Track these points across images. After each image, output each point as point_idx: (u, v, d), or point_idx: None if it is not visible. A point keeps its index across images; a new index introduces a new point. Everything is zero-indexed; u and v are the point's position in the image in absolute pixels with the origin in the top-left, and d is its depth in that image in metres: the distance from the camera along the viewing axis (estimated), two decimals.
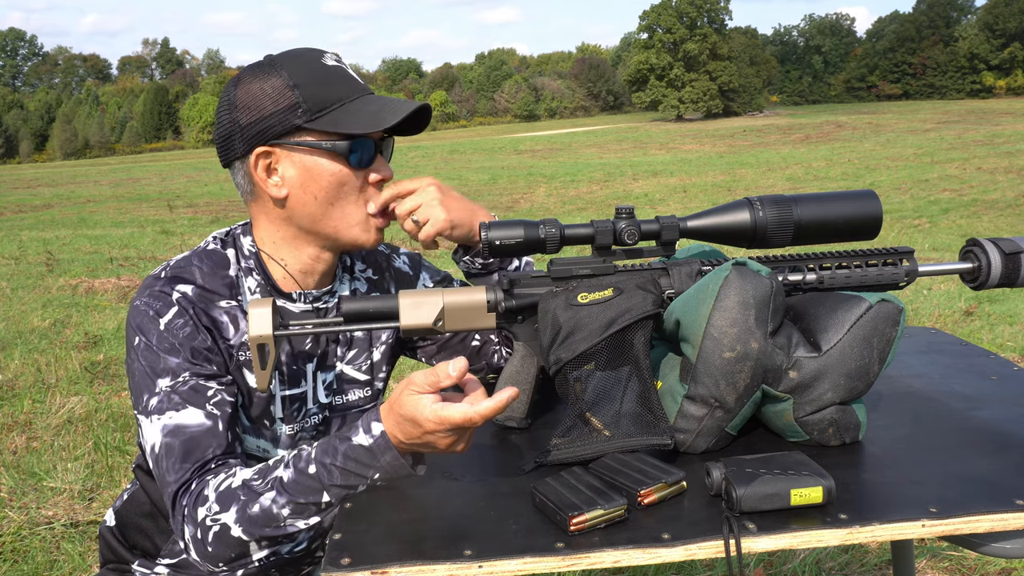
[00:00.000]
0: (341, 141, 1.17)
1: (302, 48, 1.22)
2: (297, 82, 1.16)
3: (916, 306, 5.30)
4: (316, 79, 1.17)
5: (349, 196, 1.20)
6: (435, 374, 0.98)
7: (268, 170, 1.19)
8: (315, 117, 1.16)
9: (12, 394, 3.99)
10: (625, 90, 72.88)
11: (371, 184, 1.23)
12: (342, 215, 1.21)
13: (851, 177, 17.36)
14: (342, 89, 1.18)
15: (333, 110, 1.17)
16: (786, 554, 2.33)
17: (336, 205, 1.20)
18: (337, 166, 1.18)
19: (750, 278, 1.04)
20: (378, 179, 1.23)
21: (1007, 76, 71.43)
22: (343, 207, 1.20)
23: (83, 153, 78.65)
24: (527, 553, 0.86)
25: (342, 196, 1.20)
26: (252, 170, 1.19)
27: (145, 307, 1.17)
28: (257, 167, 1.18)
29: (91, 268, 8.04)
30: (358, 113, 1.17)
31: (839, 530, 0.88)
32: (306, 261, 1.25)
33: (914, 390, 1.30)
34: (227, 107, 1.19)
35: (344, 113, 1.17)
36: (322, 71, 1.18)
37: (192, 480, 1.09)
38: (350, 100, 1.18)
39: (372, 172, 1.22)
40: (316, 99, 1.16)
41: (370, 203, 1.23)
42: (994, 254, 1.13)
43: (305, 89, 1.16)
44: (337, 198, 1.20)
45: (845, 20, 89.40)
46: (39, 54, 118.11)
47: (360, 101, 1.19)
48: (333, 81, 1.18)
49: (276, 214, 1.22)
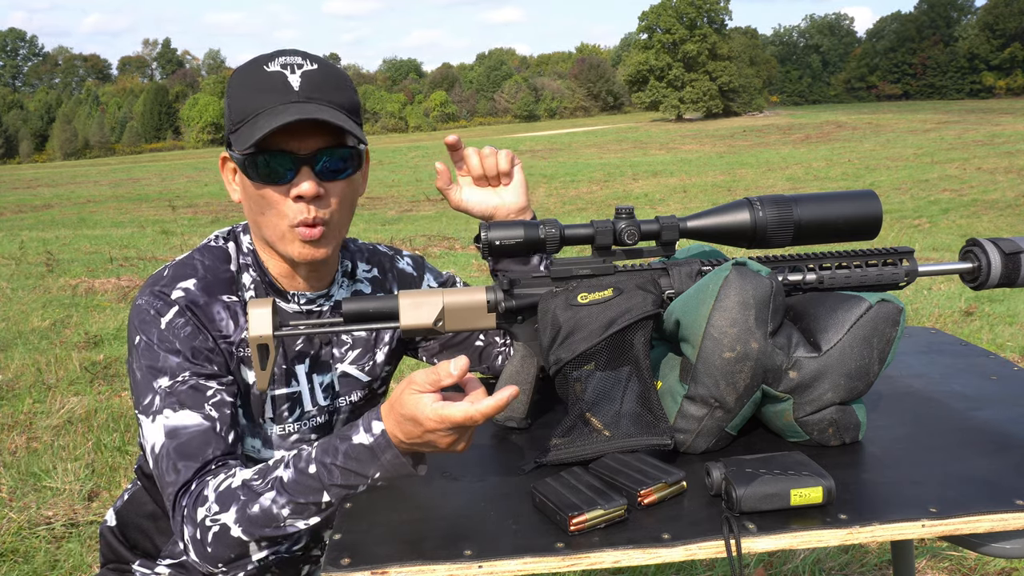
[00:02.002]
0: (244, 155, 1.13)
1: (263, 54, 1.18)
2: (231, 93, 1.16)
3: (916, 306, 5.30)
4: (245, 89, 1.14)
5: (270, 209, 1.16)
6: (436, 373, 0.98)
7: (233, 173, 1.22)
8: (234, 130, 1.15)
9: (12, 394, 3.99)
10: (625, 90, 72.87)
11: (291, 199, 1.15)
12: (269, 225, 1.18)
13: (851, 177, 17.36)
14: (261, 99, 1.12)
15: (245, 123, 1.13)
16: (786, 554, 2.33)
17: (264, 216, 1.17)
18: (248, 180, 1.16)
19: (750, 278, 1.04)
20: (295, 195, 1.14)
21: (1007, 76, 71.46)
22: (268, 218, 1.17)
23: (83, 153, 78.65)
24: (527, 553, 0.86)
25: (264, 208, 1.16)
26: (220, 170, 1.23)
27: (147, 306, 1.17)
28: (224, 168, 1.22)
29: (91, 268, 8.04)
30: (253, 128, 1.10)
31: (839, 530, 0.88)
32: (283, 265, 1.25)
33: (914, 390, 1.30)
34: None
35: (249, 127, 1.12)
36: (254, 80, 1.14)
37: (192, 480, 1.09)
38: (260, 112, 1.11)
39: (292, 187, 1.14)
40: (238, 111, 1.14)
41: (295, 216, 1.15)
42: (994, 254, 1.13)
43: (235, 100, 1.15)
44: (261, 210, 1.17)
45: (845, 20, 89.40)
46: (39, 54, 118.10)
47: (268, 113, 1.11)
48: (258, 91, 1.12)
49: None
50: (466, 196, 1.31)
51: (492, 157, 1.29)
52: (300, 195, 1.14)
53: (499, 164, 1.29)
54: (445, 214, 14.71)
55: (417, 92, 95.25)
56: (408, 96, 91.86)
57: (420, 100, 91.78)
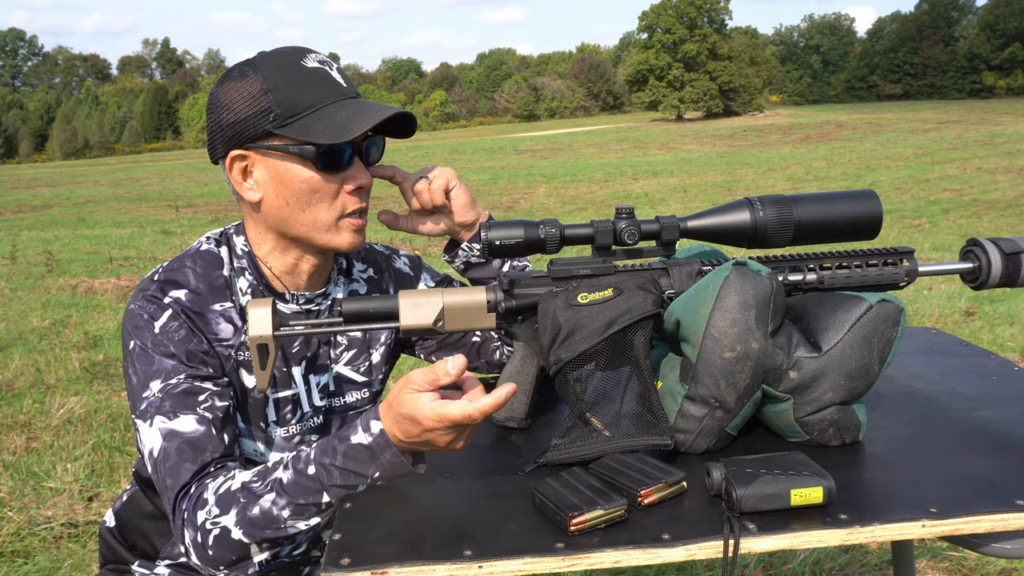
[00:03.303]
0: (310, 147, 1.14)
1: (287, 47, 1.19)
2: (271, 86, 1.14)
3: (916, 306, 5.30)
4: (291, 83, 1.14)
5: (322, 202, 1.18)
6: (433, 372, 0.98)
7: (244, 173, 1.19)
8: (286, 123, 1.14)
9: (12, 394, 3.99)
10: (625, 90, 72.87)
11: (346, 191, 1.19)
12: (314, 220, 1.18)
13: (851, 177, 17.36)
14: (317, 94, 1.15)
15: (304, 116, 1.14)
16: (786, 554, 2.33)
17: (308, 211, 1.18)
18: (308, 172, 1.16)
19: (750, 278, 1.04)
20: (353, 187, 1.19)
21: (1007, 76, 71.43)
22: (315, 212, 1.18)
23: (83, 153, 78.64)
24: (527, 553, 0.86)
25: (314, 202, 1.18)
26: (227, 172, 1.19)
27: (139, 311, 1.17)
28: (232, 169, 1.18)
29: (91, 268, 8.04)
30: (329, 120, 1.14)
31: (839, 530, 0.88)
32: (289, 262, 1.25)
33: (914, 390, 1.30)
34: (211, 106, 1.19)
35: (315, 120, 1.14)
36: (299, 74, 1.15)
37: (191, 483, 1.08)
38: (323, 106, 1.15)
39: (348, 178, 1.19)
40: (288, 104, 1.14)
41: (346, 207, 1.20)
42: (994, 254, 1.13)
43: (278, 93, 1.14)
44: (309, 204, 1.18)
45: (845, 20, 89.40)
46: (39, 54, 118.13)
47: (334, 107, 1.15)
48: (310, 85, 1.15)
49: (255, 216, 1.22)
50: (415, 225, 1.34)
51: (425, 193, 1.29)
52: (361, 185, 1.19)
53: (433, 200, 1.29)
54: None
55: (417, 92, 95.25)
56: (408, 96, 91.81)
57: (420, 100, 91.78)
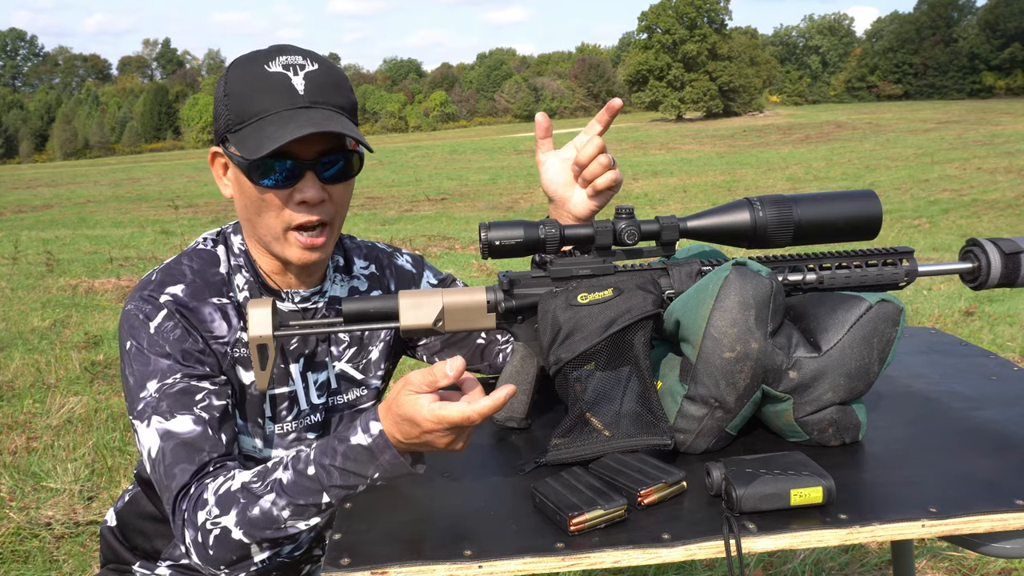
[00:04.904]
0: (246, 159, 1.11)
1: (268, 47, 1.17)
2: (229, 91, 1.14)
3: (916, 306, 5.30)
4: (245, 89, 1.13)
5: (268, 211, 1.16)
6: (432, 374, 0.97)
7: (224, 169, 1.21)
8: (235, 130, 1.14)
9: (12, 394, 3.99)
10: (625, 90, 72.83)
11: (294, 203, 1.15)
12: (266, 227, 1.18)
13: (851, 177, 17.36)
14: (265, 101, 1.11)
15: (248, 125, 1.12)
16: (786, 554, 2.33)
17: (260, 217, 1.17)
18: (249, 183, 1.15)
19: (750, 278, 1.04)
20: (299, 200, 1.15)
21: (1007, 76, 71.40)
22: (265, 220, 1.17)
23: (83, 153, 78.63)
24: (527, 553, 0.86)
25: (263, 209, 1.16)
26: (211, 165, 1.22)
27: (135, 311, 1.17)
28: (214, 163, 1.22)
29: (91, 268, 8.04)
30: (259, 133, 1.10)
31: (839, 530, 0.88)
32: (276, 262, 1.25)
33: (914, 390, 1.30)
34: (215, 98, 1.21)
35: (253, 130, 1.11)
36: (255, 80, 1.13)
37: (190, 484, 1.09)
38: (267, 115, 1.11)
39: (296, 191, 1.15)
40: (238, 111, 1.13)
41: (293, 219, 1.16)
42: (994, 254, 1.13)
43: (233, 99, 1.13)
44: (259, 211, 1.17)
45: (845, 20, 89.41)
46: (39, 54, 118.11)
47: (277, 117, 1.10)
48: (261, 92, 1.11)
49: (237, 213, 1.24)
50: (553, 161, 1.27)
51: (599, 167, 1.21)
52: (304, 200, 1.14)
53: (596, 174, 1.21)
54: (445, 214, 14.71)
55: (417, 92, 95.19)
56: (408, 96, 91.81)
57: (420, 100, 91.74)
